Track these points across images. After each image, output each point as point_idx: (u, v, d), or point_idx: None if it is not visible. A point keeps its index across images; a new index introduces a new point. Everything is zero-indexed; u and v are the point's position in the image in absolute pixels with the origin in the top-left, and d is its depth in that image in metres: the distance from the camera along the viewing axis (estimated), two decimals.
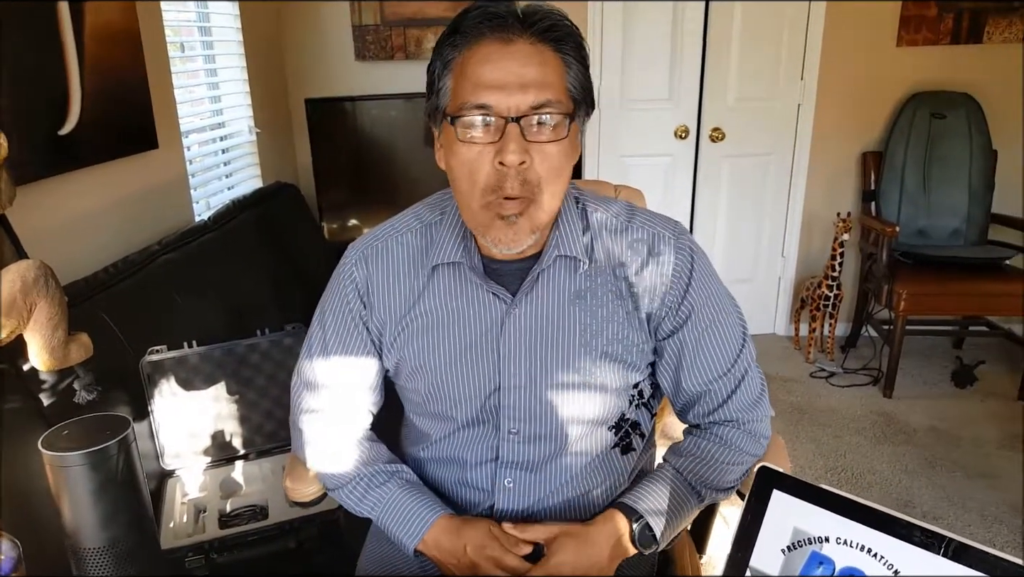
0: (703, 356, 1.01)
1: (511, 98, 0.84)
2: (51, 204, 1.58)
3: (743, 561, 0.76)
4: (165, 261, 1.81)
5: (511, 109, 0.84)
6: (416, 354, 1.02)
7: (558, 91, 0.87)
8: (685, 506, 1.01)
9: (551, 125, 0.87)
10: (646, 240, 0.99)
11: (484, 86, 0.85)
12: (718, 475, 1.02)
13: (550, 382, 1.00)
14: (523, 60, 0.85)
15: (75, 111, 1.62)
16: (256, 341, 1.61)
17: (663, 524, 0.98)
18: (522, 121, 0.85)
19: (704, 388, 1.02)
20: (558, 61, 0.87)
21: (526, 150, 0.86)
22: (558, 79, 0.87)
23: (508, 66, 0.85)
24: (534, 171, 0.87)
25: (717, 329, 1.01)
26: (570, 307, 0.99)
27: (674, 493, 1.00)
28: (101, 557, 0.84)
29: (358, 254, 1.04)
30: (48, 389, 1.23)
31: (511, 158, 0.85)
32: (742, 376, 1.03)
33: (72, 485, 0.81)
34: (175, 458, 1.56)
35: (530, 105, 0.85)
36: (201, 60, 2.53)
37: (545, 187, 0.88)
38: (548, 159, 0.87)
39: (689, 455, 1.04)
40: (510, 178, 0.87)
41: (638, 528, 0.98)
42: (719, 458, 1.02)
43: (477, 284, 0.99)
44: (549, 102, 0.85)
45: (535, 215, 0.90)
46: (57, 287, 0.85)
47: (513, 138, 0.85)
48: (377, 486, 1.05)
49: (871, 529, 0.70)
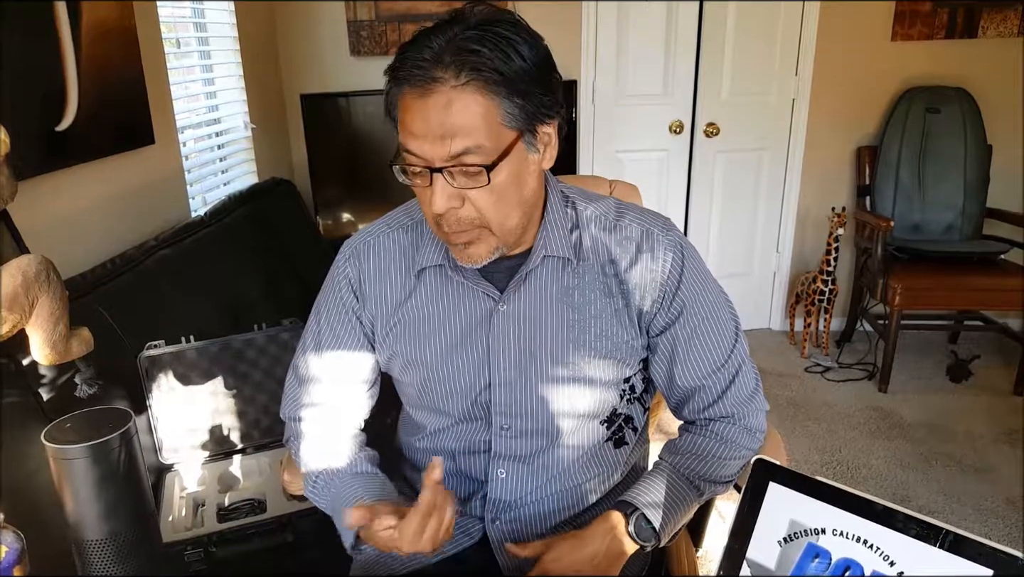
0: (696, 352, 1.01)
1: (433, 148, 0.84)
2: (49, 200, 1.58)
3: (740, 553, 0.77)
4: (162, 256, 1.81)
5: (434, 159, 0.84)
6: (408, 349, 1.03)
7: (480, 135, 0.83)
8: (684, 501, 1.01)
9: (474, 173, 0.85)
10: (635, 237, 1.00)
11: (410, 134, 0.85)
12: (715, 470, 1.03)
13: (540, 378, 1.00)
14: (442, 109, 0.82)
15: (72, 107, 1.62)
16: (253, 336, 1.62)
17: (660, 516, 0.98)
18: (445, 171, 0.85)
19: (698, 384, 1.02)
20: (484, 101, 0.83)
21: (455, 195, 0.87)
22: (484, 121, 0.83)
23: (428, 116, 0.83)
24: (467, 210, 0.88)
25: (709, 325, 1.01)
26: (558, 304, 0.99)
27: (672, 488, 1.00)
28: (103, 549, 0.84)
29: (351, 250, 1.06)
30: (47, 384, 1.24)
31: (437, 207, 0.86)
32: (736, 371, 1.03)
33: (75, 478, 0.81)
34: (173, 452, 1.56)
35: (450, 154, 0.83)
36: (197, 56, 2.53)
37: (490, 218, 0.89)
38: (480, 198, 0.88)
39: (685, 452, 1.04)
40: (446, 221, 0.89)
41: (634, 521, 0.98)
42: (716, 454, 1.03)
43: (464, 283, 1.00)
44: (468, 150, 0.83)
45: (488, 240, 0.92)
46: (58, 282, 0.85)
47: (439, 188, 0.86)
48: (323, 485, 1.05)
49: (867, 521, 0.71)
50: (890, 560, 0.69)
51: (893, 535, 0.69)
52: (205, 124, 2.54)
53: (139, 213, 1.96)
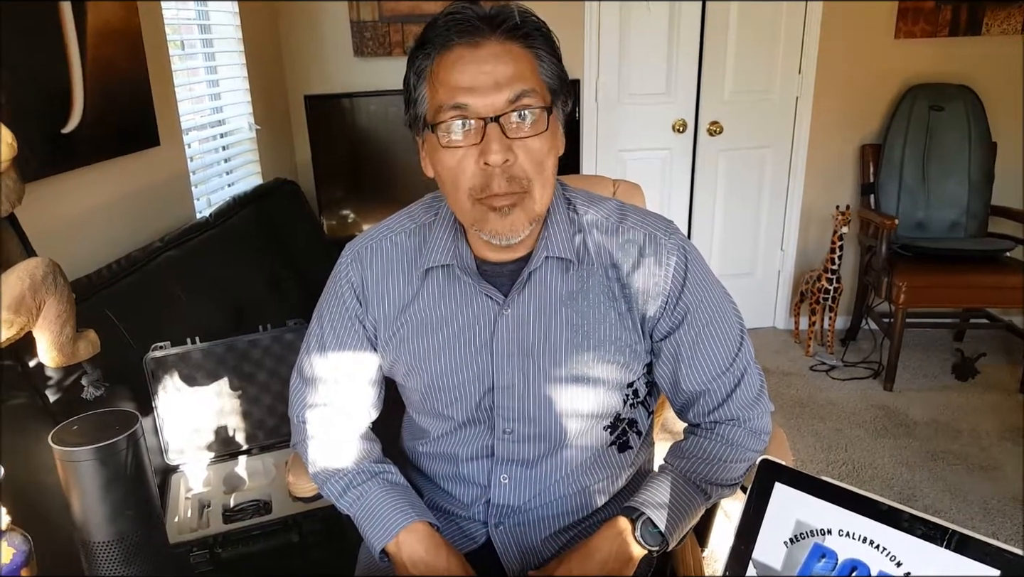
0: (701, 356, 1.00)
1: (487, 98, 0.85)
2: (55, 202, 1.58)
3: (746, 554, 0.77)
4: (167, 258, 1.81)
5: (488, 109, 0.85)
6: (412, 354, 1.03)
7: (533, 82, 0.87)
8: (691, 505, 1.00)
9: (531, 120, 0.87)
10: (637, 241, 0.99)
11: (459, 90, 0.86)
12: (721, 473, 1.02)
13: (543, 382, 1.00)
14: (493, 60, 0.85)
15: (78, 109, 1.63)
16: (258, 337, 1.62)
17: (666, 518, 0.98)
18: (501, 119, 0.85)
19: (703, 388, 1.02)
20: (529, 56, 0.88)
21: (509, 148, 0.86)
22: (531, 72, 0.88)
23: (480, 67, 0.85)
24: (519, 167, 0.88)
25: (714, 328, 1.00)
26: (561, 308, 0.99)
27: (677, 490, 1.00)
28: (110, 550, 0.85)
29: (353, 254, 1.06)
30: (53, 386, 1.24)
31: (494, 158, 0.85)
32: (741, 374, 1.02)
33: (82, 479, 0.82)
34: (179, 453, 1.57)
35: (507, 100, 0.85)
36: (201, 58, 2.53)
37: (534, 179, 0.89)
38: (532, 153, 0.88)
39: (691, 456, 1.03)
40: (496, 177, 0.87)
41: (641, 526, 0.98)
42: (722, 456, 1.02)
43: (469, 285, 0.99)
44: (525, 92, 0.86)
45: (529, 206, 0.91)
46: (65, 284, 0.85)
47: (495, 138, 0.85)
48: (358, 484, 1.05)
49: (873, 521, 0.70)
50: (896, 560, 0.69)
51: (899, 535, 0.69)
52: (210, 125, 2.55)
53: (144, 214, 1.96)
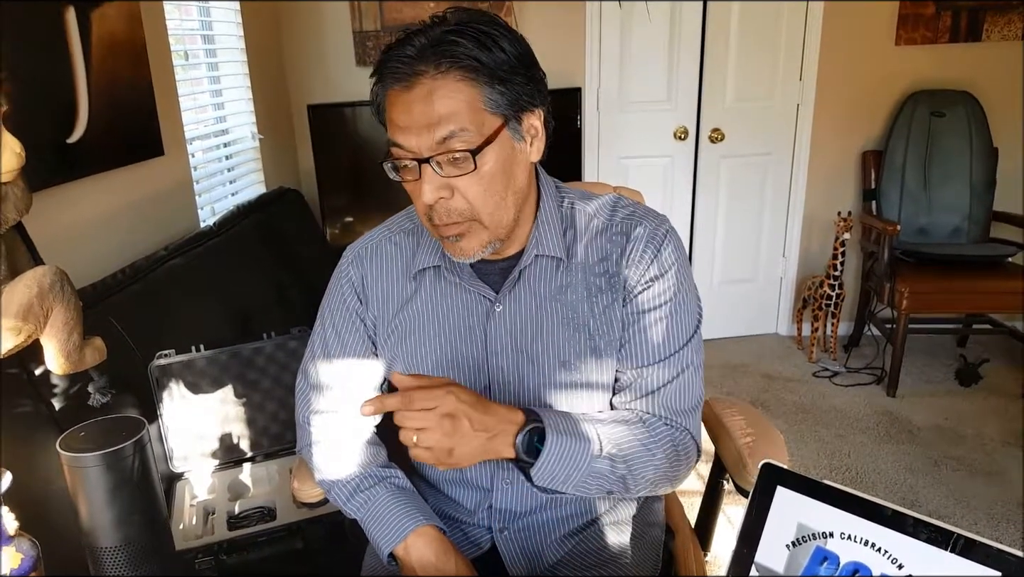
0: (644, 340, 0.99)
1: (418, 138, 0.86)
2: (60, 211, 1.59)
3: (748, 557, 0.77)
4: (172, 266, 1.82)
5: (420, 149, 0.87)
6: (408, 353, 1.04)
7: (466, 119, 0.86)
8: (582, 451, 0.91)
9: (459, 161, 0.87)
10: (626, 231, 1.01)
11: (396, 128, 0.88)
12: (628, 446, 0.95)
13: (538, 379, 1.01)
14: (424, 100, 0.85)
15: (83, 119, 1.64)
16: (261, 344, 1.63)
17: (558, 441, 0.89)
18: (433, 160, 0.87)
19: (634, 376, 0.99)
20: (467, 88, 0.86)
21: (444, 185, 0.89)
22: (467, 106, 0.86)
23: (411, 108, 0.86)
24: (457, 201, 0.90)
25: (666, 312, 0.99)
26: (552, 304, 1.00)
27: (580, 432, 0.92)
28: (116, 556, 0.85)
29: (354, 254, 1.09)
30: (60, 393, 1.25)
31: (426, 198, 0.89)
32: (680, 371, 1.00)
33: (89, 485, 0.82)
34: (183, 461, 1.57)
35: (435, 142, 0.86)
36: (204, 68, 2.55)
37: (479, 209, 0.91)
38: (469, 188, 0.89)
39: (606, 417, 0.99)
40: (436, 212, 0.91)
41: (526, 434, 0.89)
42: (632, 432, 0.96)
43: (460, 284, 1.01)
44: (453, 133, 0.85)
45: (479, 234, 0.93)
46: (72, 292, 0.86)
47: (427, 179, 0.88)
48: (365, 489, 1.05)
49: (876, 524, 0.70)
50: (899, 563, 0.69)
51: (902, 538, 0.69)
52: (213, 135, 2.57)
53: (149, 223, 1.98)
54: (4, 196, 0.81)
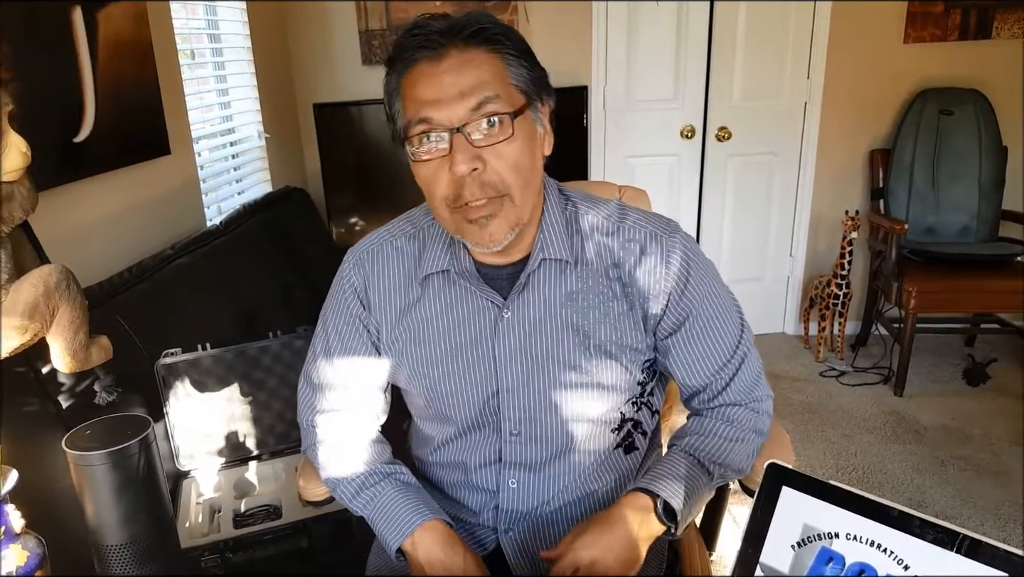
0: (704, 352, 1.01)
1: (449, 109, 0.86)
2: (66, 210, 1.60)
3: (753, 558, 0.77)
4: (178, 265, 1.83)
5: (451, 119, 0.86)
6: (413, 359, 1.04)
7: (497, 87, 0.87)
8: (698, 483, 0.99)
9: (496, 126, 0.87)
10: (639, 240, 0.99)
11: (423, 103, 0.87)
12: (724, 451, 1.01)
13: (547, 384, 1.00)
14: (455, 70, 0.86)
15: (89, 119, 1.65)
16: (267, 343, 1.63)
17: (682, 500, 0.96)
18: (466, 129, 0.86)
19: (707, 381, 1.02)
20: (495, 60, 0.88)
21: (477, 156, 0.87)
22: (496, 77, 0.88)
23: (442, 79, 0.86)
24: (491, 173, 0.88)
25: (716, 323, 1.01)
26: (562, 309, 0.99)
27: (688, 470, 0.99)
28: (122, 554, 0.86)
29: (355, 259, 1.07)
30: (66, 392, 1.25)
31: (460, 168, 0.87)
32: (741, 362, 1.03)
33: (94, 483, 0.83)
34: (190, 459, 1.58)
35: (469, 109, 0.86)
36: (211, 67, 2.56)
37: (511, 183, 0.89)
38: (503, 159, 0.88)
39: (694, 433, 1.03)
40: (467, 185, 0.88)
41: (661, 504, 0.96)
42: (724, 434, 1.02)
43: (469, 289, 1.00)
44: (488, 99, 0.86)
45: (509, 211, 0.91)
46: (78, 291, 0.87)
47: (460, 148, 0.86)
48: (371, 485, 1.05)
49: (881, 525, 0.70)
50: (904, 564, 0.69)
51: (907, 539, 0.69)
52: (220, 134, 2.57)
53: (155, 222, 1.98)
54: (10, 195, 0.82)
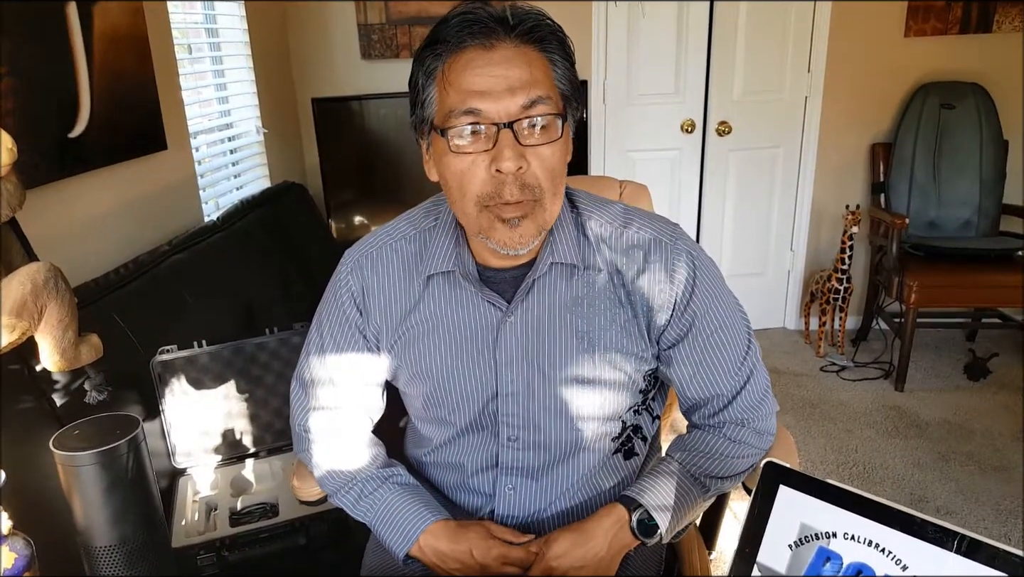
0: (708, 363, 0.99)
1: (500, 103, 0.83)
2: (62, 206, 1.59)
3: (750, 557, 0.76)
4: (175, 261, 1.82)
5: (501, 114, 0.83)
6: (414, 361, 1.02)
7: (547, 88, 0.85)
8: (689, 497, 0.99)
9: (543, 127, 0.85)
10: (643, 246, 0.97)
11: (471, 93, 0.83)
12: (723, 468, 1.01)
13: (548, 389, 0.99)
14: (507, 63, 0.83)
15: (85, 114, 1.64)
16: (265, 340, 1.63)
17: (668, 517, 0.97)
18: (515, 125, 0.83)
19: (711, 393, 1.01)
20: (543, 60, 0.86)
21: (522, 155, 0.84)
22: (545, 77, 0.86)
23: (494, 70, 0.83)
24: (532, 174, 0.86)
25: (722, 335, 0.99)
26: (566, 314, 0.97)
27: (679, 485, 0.99)
28: (112, 554, 0.85)
29: (353, 262, 1.04)
30: (60, 389, 1.25)
31: (507, 165, 0.83)
32: (747, 377, 1.01)
33: (83, 484, 0.82)
34: (186, 456, 1.57)
35: (521, 106, 0.83)
36: (208, 61, 2.54)
37: (546, 188, 0.87)
38: (544, 161, 0.86)
39: (694, 450, 1.03)
40: (508, 184, 0.85)
41: (637, 517, 0.97)
42: (724, 453, 1.01)
43: (471, 292, 0.98)
44: (540, 98, 0.84)
45: (539, 216, 0.89)
46: (67, 289, 0.86)
47: (507, 144, 0.83)
48: (370, 492, 1.04)
49: (879, 524, 0.70)
50: (902, 564, 0.68)
51: (905, 538, 0.68)
52: (217, 129, 2.56)
53: (152, 218, 1.97)
54: None
